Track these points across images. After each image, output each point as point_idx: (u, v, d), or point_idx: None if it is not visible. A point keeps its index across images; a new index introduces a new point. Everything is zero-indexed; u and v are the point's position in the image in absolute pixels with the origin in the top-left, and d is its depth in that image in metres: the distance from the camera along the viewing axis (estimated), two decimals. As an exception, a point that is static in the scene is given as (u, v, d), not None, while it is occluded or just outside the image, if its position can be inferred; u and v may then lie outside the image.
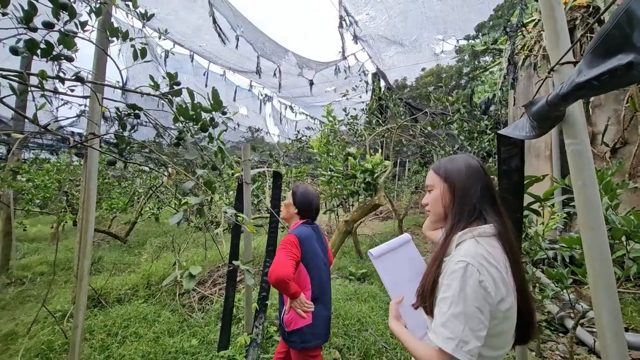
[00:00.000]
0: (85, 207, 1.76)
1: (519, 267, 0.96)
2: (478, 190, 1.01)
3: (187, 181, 1.57)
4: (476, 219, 1.00)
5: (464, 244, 0.96)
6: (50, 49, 1.13)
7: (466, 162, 1.07)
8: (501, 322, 0.89)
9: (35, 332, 3.40)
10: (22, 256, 6.51)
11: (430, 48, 6.94)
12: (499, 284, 0.87)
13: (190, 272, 1.30)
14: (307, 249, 1.84)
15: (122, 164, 6.86)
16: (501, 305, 0.87)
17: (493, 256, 0.90)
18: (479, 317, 0.83)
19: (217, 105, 1.82)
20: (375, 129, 5.10)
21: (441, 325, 0.86)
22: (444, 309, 0.86)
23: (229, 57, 5.51)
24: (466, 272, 0.86)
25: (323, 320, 1.84)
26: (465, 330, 0.82)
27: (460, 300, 0.84)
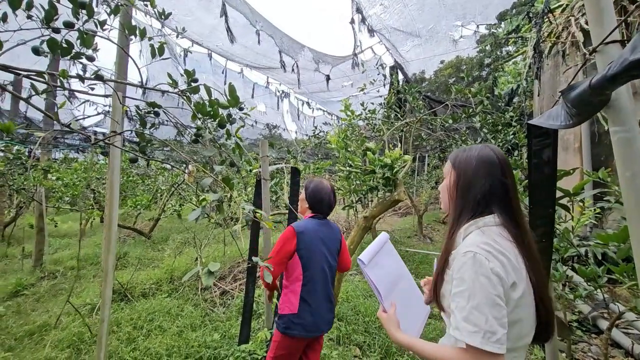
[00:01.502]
0: (109, 204, 1.79)
1: (534, 262, 0.92)
2: (486, 184, 0.95)
3: (206, 177, 1.57)
4: (484, 214, 0.95)
5: (470, 235, 0.94)
6: (70, 48, 1.15)
7: (480, 152, 1.00)
8: (515, 309, 0.85)
9: (67, 324, 3.56)
10: (55, 251, 6.84)
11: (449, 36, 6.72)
12: (508, 269, 0.85)
13: (209, 269, 1.30)
14: (304, 241, 1.86)
15: (144, 162, 7.07)
16: (513, 292, 0.84)
17: (500, 244, 0.88)
18: (498, 304, 0.80)
19: (234, 101, 1.81)
20: (394, 123, 4.99)
21: (463, 320, 0.82)
22: (463, 303, 0.83)
23: (245, 55, 5.54)
24: (475, 261, 0.84)
25: (309, 313, 1.84)
26: (490, 320, 0.79)
27: (477, 290, 0.81)
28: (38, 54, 1.18)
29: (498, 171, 0.96)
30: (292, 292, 1.87)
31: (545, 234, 1.59)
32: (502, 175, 0.96)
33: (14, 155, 4.43)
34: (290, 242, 1.86)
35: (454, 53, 7.45)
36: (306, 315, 1.83)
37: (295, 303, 1.84)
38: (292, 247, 1.85)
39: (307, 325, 1.83)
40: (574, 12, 5.17)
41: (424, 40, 6.29)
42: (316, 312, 1.86)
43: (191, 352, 2.88)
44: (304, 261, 1.87)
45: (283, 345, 1.86)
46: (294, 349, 1.88)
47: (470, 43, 7.43)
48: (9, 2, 1.09)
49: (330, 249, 1.99)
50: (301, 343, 1.89)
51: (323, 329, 1.90)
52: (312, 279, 1.88)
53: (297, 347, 1.89)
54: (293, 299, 1.86)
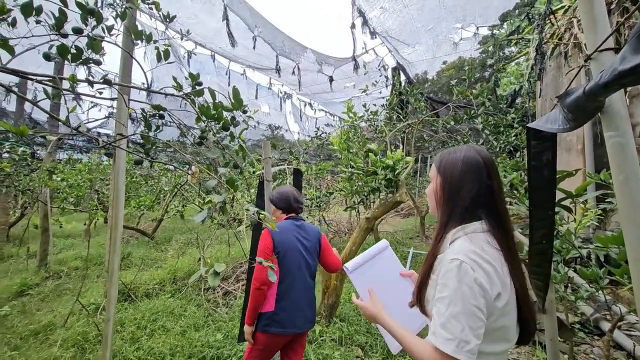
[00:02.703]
0: (114, 205, 1.83)
1: (517, 269, 0.92)
2: (473, 188, 0.94)
3: (210, 179, 1.60)
4: (471, 218, 0.95)
5: (457, 241, 0.93)
6: (79, 53, 1.18)
7: (466, 155, 0.98)
8: (499, 318, 0.86)
9: (72, 323, 3.59)
10: (59, 251, 6.90)
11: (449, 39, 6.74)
12: (494, 279, 0.85)
13: (215, 270, 1.32)
14: (279, 240, 1.93)
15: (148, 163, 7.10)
16: (498, 301, 0.85)
17: (487, 252, 0.88)
18: (477, 315, 0.81)
19: (238, 103, 1.84)
20: (396, 124, 5.01)
21: (440, 326, 0.84)
22: (442, 310, 0.85)
23: (248, 56, 5.58)
24: (460, 270, 0.84)
25: (286, 311, 1.88)
26: (465, 330, 0.80)
27: (458, 299, 0.82)
28: (49, 59, 1.21)
29: (484, 174, 0.95)
30: (269, 291, 1.90)
31: (545, 236, 1.60)
32: (488, 178, 0.95)
33: (20, 157, 4.49)
34: (266, 239, 1.91)
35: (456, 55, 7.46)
36: (283, 313, 1.87)
37: (272, 301, 1.89)
38: (269, 245, 1.90)
39: (284, 322, 1.87)
40: (576, 13, 5.18)
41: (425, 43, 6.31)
42: (293, 309, 1.90)
43: (194, 351, 2.91)
44: (279, 259, 1.91)
45: (260, 341, 1.90)
46: (270, 345, 1.92)
47: (472, 45, 7.43)
48: (21, 9, 1.12)
49: (308, 247, 2.03)
50: (279, 340, 1.92)
51: (302, 327, 1.92)
52: (288, 276, 1.92)
53: (274, 343, 1.92)
54: (270, 298, 1.90)
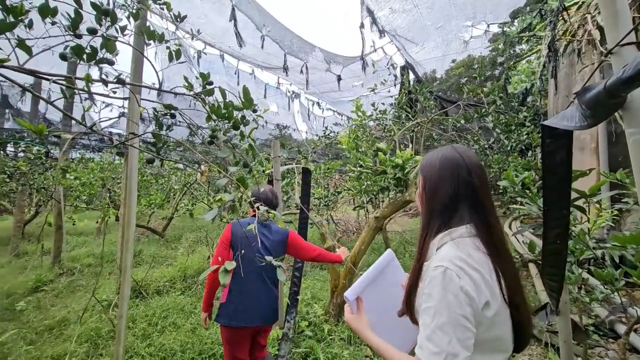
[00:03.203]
0: (126, 203, 1.85)
1: (508, 273, 0.87)
2: (452, 186, 0.91)
3: (221, 178, 1.61)
4: (454, 219, 0.91)
5: (443, 247, 0.89)
6: (94, 53, 1.20)
7: (443, 154, 0.97)
8: (490, 328, 0.82)
9: (85, 319, 3.66)
10: (72, 248, 7.05)
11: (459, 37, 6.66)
12: (481, 287, 0.80)
13: (225, 267, 1.33)
14: (236, 236, 2.03)
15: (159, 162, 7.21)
16: (486, 311, 0.80)
17: (474, 258, 0.83)
18: (464, 325, 0.77)
19: (248, 103, 1.84)
20: (405, 123, 4.97)
21: (426, 339, 0.79)
22: (428, 321, 0.80)
23: (256, 55, 5.60)
24: (445, 277, 0.80)
25: (234, 304, 1.96)
26: (453, 342, 0.75)
27: (443, 309, 0.78)
28: (65, 59, 1.24)
29: (463, 172, 0.92)
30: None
31: (559, 236, 1.57)
32: (468, 175, 0.91)
33: (35, 156, 4.58)
34: (225, 233, 2.04)
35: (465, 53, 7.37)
36: (231, 305, 1.96)
37: (225, 293, 2.00)
38: (227, 237, 2.02)
39: (231, 315, 1.95)
40: (590, 9, 5.06)
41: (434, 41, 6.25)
42: (243, 304, 1.97)
43: (204, 348, 2.94)
44: (234, 252, 2.01)
45: (223, 333, 2.04)
46: (229, 335, 2.01)
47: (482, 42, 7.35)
48: (39, 10, 1.14)
49: (267, 246, 2.09)
50: (233, 331, 1.99)
51: (250, 323, 1.98)
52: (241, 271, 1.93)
53: (230, 334, 2.01)
54: (225, 290, 2.01)
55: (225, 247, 2.02)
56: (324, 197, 5.90)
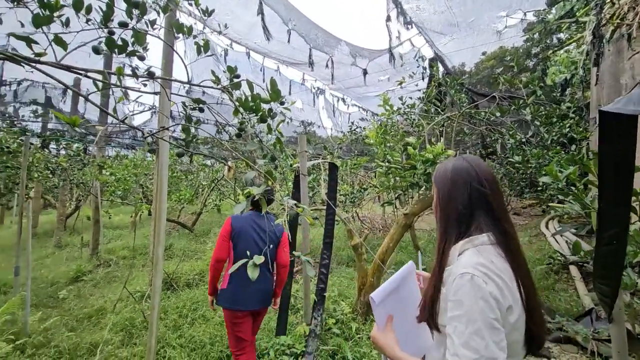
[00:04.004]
0: (157, 197, 1.88)
1: (525, 277, 0.88)
2: (465, 196, 0.94)
3: (249, 172, 1.59)
4: (472, 227, 0.93)
5: (465, 253, 0.91)
6: (125, 45, 1.20)
7: (454, 165, 1.00)
8: (510, 332, 0.83)
9: (120, 309, 3.82)
10: (109, 241, 7.41)
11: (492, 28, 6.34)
12: (504, 292, 0.82)
13: (254, 262, 1.31)
14: (236, 228, 2.22)
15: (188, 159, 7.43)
16: (510, 315, 0.82)
17: (496, 265, 0.85)
18: (497, 328, 0.78)
19: (276, 95, 1.81)
20: (434, 118, 4.78)
21: (462, 346, 0.78)
22: (461, 328, 0.80)
23: (282, 51, 5.60)
24: (473, 284, 0.81)
25: (233, 290, 2.17)
26: (490, 346, 0.76)
27: (476, 314, 0.79)
28: (98, 52, 1.25)
29: (475, 181, 0.95)
30: (226, 271, 2.22)
31: (616, 236, 1.43)
32: (480, 184, 0.94)
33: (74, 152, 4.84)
34: (226, 226, 2.23)
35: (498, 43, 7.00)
36: (230, 291, 2.17)
37: (226, 280, 2.21)
38: (227, 230, 2.21)
39: (231, 299, 2.17)
40: (644, -11, 4.62)
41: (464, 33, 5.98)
42: (241, 290, 2.17)
43: (232, 342, 2.96)
44: (234, 242, 2.21)
45: (225, 315, 2.23)
46: (231, 318, 2.20)
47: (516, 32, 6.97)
48: (72, 5, 1.16)
49: (263, 237, 2.28)
50: (235, 314, 2.19)
51: (249, 307, 2.20)
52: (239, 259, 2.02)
53: (232, 316, 2.20)
54: (225, 277, 2.22)
55: (226, 239, 2.20)
56: (349, 194, 5.82)
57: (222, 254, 2.19)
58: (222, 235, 2.21)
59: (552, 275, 4.65)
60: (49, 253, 6.75)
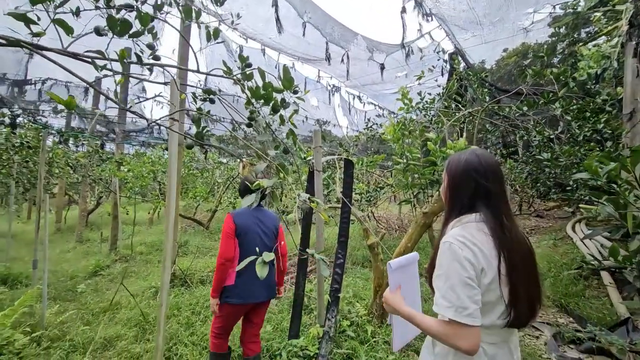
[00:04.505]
0: (168, 189, 1.82)
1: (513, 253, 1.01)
2: (471, 187, 1.08)
3: (260, 163, 1.50)
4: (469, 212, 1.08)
5: (453, 229, 1.08)
6: (127, 25, 1.13)
7: (467, 158, 1.11)
8: (485, 293, 0.99)
9: (134, 304, 3.83)
10: (127, 237, 7.54)
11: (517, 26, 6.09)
12: (478, 257, 0.98)
13: (263, 259, 1.23)
14: (240, 223, 2.23)
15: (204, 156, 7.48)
16: (483, 278, 0.98)
17: (475, 237, 1.01)
18: (470, 284, 0.95)
19: (288, 83, 1.73)
20: (455, 114, 4.58)
21: (441, 297, 0.99)
22: (440, 284, 1.00)
23: (297, 46, 5.51)
24: (451, 250, 1.00)
25: (243, 285, 2.20)
26: (462, 297, 0.94)
27: (452, 273, 0.97)
28: (99, 34, 1.18)
29: (481, 176, 1.06)
30: (231, 268, 2.20)
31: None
32: (485, 180, 1.06)
33: (93, 149, 4.92)
34: (229, 224, 2.22)
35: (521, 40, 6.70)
36: (241, 286, 2.19)
37: (232, 276, 2.20)
38: (231, 227, 2.21)
39: (242, 294, 2.20)
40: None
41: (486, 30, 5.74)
42: (250, 283, 2.21)
43: (244, 342, 2.90)
44: (240, 239, 2.22)
45: (222, 311, 2.23)
46: (231, 315, 2.26)
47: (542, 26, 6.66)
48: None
49: (265, 230, 2.34)
50: (238, 309, 2.25)
51: (258, 298, 2.26)
52: (247, 254, 2.07)
53: (234, 312, 2.25)
54: (232, 274, 2.20)
55: (231, 237, 2.20)
56: (365, 193, 5.68)
57: (229, 252, 2.18)
58: (226, 233, 2.20)
59: (582, 281, 4.37)
60: (70, 248, 6.93)
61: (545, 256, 5.68)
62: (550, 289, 4.34)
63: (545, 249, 6.50)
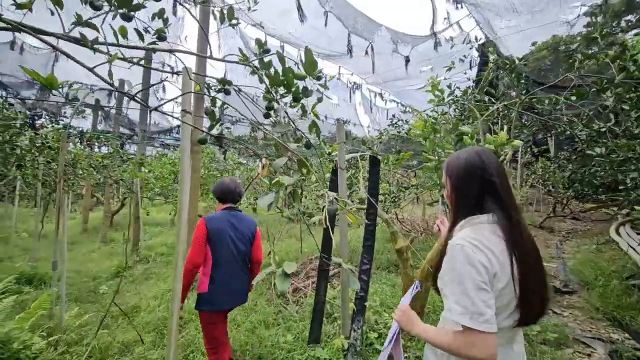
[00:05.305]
0: (180, 189, 1.65)
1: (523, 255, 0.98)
2: (475, 187, 1.05)
3: (279, 158, 1.30)
4: (478, 212, 1.04)
5: (463, 230, 1.04)
6: None
7: (467, 158, 1.08)
8: (497, 298, 0.95)
9: (153, 307, 3.75)
10: (150, 238, 7.61)
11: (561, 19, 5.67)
12: (492, 261, 0.95)
13: (284, 270, 1.04)
14: (212, 228, 2.17)
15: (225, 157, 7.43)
16: (497, 282, 0.95)
17: (487, 239, 0.98)
18: (484, 289, 0.91)
19: (311, 68, 1.53)
20: (489, 107, 4.23)
21: (454, 302, 0.94)
22: (453, 289, 0.95)
23: (317, 40, 5.31)
24: (462, 252, 0.95)
25: (216, 291, 2.14)
26: (477, 303, 0.90)
27: (465, 278, 0.93)
28: (95, 7, 1.02)
29: (485, 173, 1.03)
30: (204, 274, 2.17)
31: None
32: (489, 175, 1.03)
33: (114, 149, 4.94)
34: (201, 229, 2.14)
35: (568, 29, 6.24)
36: (213, 293, 2.13)
37: (205, 284, 2.14)
38: (203, 232, 2.13)
39: (214, 301, 2.14)
40: None
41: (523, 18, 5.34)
42: (223, 289, 2.15)
43: (264, 352, 2.72)
44: (212, 245, 2.16)
45: (203, 318, 2.20)
46: (209, 323, 2.20)
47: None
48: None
49: (239, 235, 2.27)
50: (216, 317, 2.19)
51: (231, 305, 2.25)
52: (220, 260, 2.17)
53: (212, 321, 2.19)
54: (204, 279, 2.15)
55: (202, 242, 2.13)
56: (389, 193, 5.40)
57: (199, 258, 2.12)
58: (197, 238, 2.12)
59: (636, 291, 3.92)
60: (95, 248, 7.05)
61: (588, 263, 5.19)
62: (599, 300, 3.91)
63: (588, 254, 5.96)
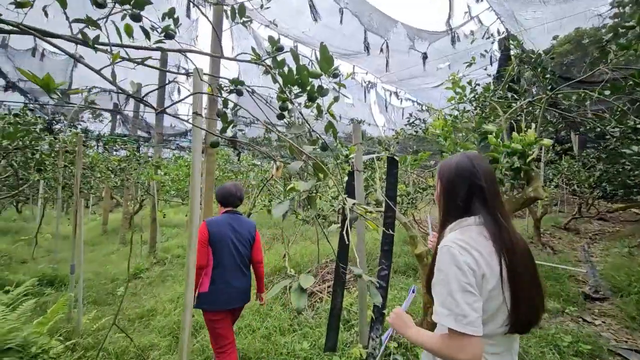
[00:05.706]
0: (191, 192, 1.59)
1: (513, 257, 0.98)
2: (464, 190, 1.05)
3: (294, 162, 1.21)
4: (466, 214, 1.05)
5: (452, 233, 1.05)
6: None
7: (458, 162, 1.10)
8: (486, 301, 0.94)
9: (169, 311, 3.74)
10: (166, 240, 7.69)
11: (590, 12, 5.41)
12: (480, 263, 0.94)
13: (300, 284, 0.96)
14: (214, 231, 2.27)
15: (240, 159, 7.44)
16: (485, 284, 0.94)
17: (475, 240, 0.98)
18: (469, 291, 0.91)
19: (327, 64, 1.44)
20: (512, 104, 4.03)
21: (440, 305, 0.94)
22: (439, 290, 0.97)
23: (331, 39, 5.21)
24: (449, 254, 0.96)
25: (217, 292, 2.24)
26: (461, 305, 0.89)
27: (451, 279, 0.93)
28: (99, 5, 0.96)
29: (474, 177, 1.05)
30: (205, 275, 2.26)
31: None
32: (479, 179, 1.04)
33: (130, 152, 4.99)
34: (202, 232, 2.22)
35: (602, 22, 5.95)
36: (214, 293, 2.23)
37: (206, 283, 2.24)
38: (205, 235, 2.23)
39: (215, 301, 2.23)
40: None
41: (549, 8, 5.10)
42: (224, 290, 2.24)
43: (279, 359, 2.64)
44: (213, 247, 2.26)
45: (207, 317, 2.28)
46: (212, 322, 2.26)
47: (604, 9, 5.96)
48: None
49: (239, 237, 2.35)
50: (218, 316, 2.25)
51: (232, 305, 2.29)
52: (221, 262, 2.26)
53: (215, 320, 2.25)
54: (205, 281, 2.25)
55: (204, 245, 2.22)
56: (407, 194, 5.24)
57: (202, 261, 2.22)
58: (199, 241, 2.17)
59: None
60: (114, 250, 7.17)
61: (621, 267, 4.88)
62: (636, 308, 3.65)
63: (619, 258, 5.62)
